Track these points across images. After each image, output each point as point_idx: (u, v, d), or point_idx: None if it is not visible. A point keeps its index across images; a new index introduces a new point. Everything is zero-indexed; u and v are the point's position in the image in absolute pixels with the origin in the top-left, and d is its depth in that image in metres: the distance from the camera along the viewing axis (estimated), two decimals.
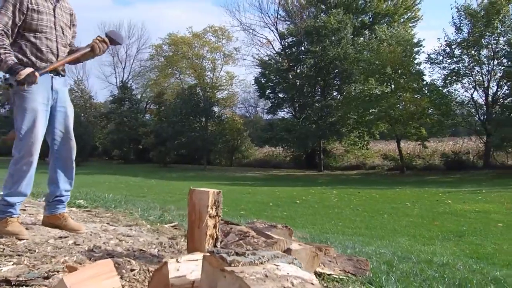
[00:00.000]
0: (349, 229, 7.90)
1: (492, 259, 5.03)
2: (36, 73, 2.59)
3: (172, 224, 3.96)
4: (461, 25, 26.07)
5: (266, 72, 31.64)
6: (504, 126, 22.18)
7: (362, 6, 32.17)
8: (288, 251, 2.39)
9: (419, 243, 6.38)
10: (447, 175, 23.43)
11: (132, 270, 2.17)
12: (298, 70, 31.83)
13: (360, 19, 30.92)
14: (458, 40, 26.22)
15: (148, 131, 34.03)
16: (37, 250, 2.39)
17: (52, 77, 2.86)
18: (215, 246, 2.37)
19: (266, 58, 35.35)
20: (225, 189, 16.14)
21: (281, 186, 18.14)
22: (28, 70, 2.56)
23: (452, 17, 27.16)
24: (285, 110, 33.65)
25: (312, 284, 1.55)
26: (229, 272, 1.50)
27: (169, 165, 32.72)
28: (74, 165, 3.06)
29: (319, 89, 31.45)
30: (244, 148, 34.91)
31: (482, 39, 25.47)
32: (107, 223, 3.60)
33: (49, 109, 2.85)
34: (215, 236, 2.38)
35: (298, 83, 30.82)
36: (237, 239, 2.61)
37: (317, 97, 31.01)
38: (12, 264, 2.14)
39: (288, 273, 1.59)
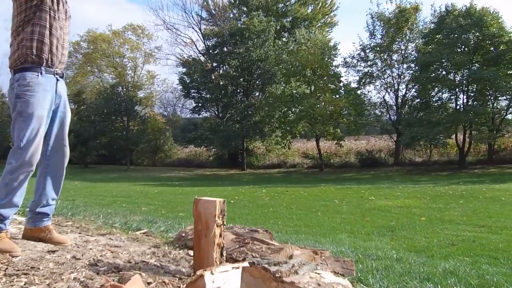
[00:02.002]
0: (289, 227, 8.17)
1: (430, 252, 5.52)
2: None
3: (143, 231, 3.93)
4: (375, 30, 27.84)
5: (191, 72, 31.44)
6: (413, 126, 23.99)
7: (283, 10, 33.11)
8: (290, 256, 2.52)
9: (359, 239, 6.78)
10: (362, 172, 24.82)
11: (148, 283, 2.20)
12: (222, 71, 32.02)
13: (280, 22, 31.74)
14: (372, 44, 27.94)
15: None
16: (41, 268, 2.31)
17: (57, 80, 2.74)
18: (221, 255, 2.45)
19: (190, 59, 35.13)
20: (155, 190, 16.00)
21: (210, 186, 18.21)
22: None
23: (367, 23, 29.01)
24: (210, 110, 33.66)
25: None
26: (288, 283, 1.60)
27: (90, 166, 31.46)
28: (64, 173, 2.95)
29: (242, 90, 31.86)
30: (167, 147, 34.45)
31: (393, 45, 27.35)
32: (79, 233, 3.50)
33: (50, 115, 2.72)
34: (222, 245, 2.45)
35: (222, 83, 30.99)
36: (238, 246, 2.70)
37: (240, 97, 31.41)
38: (24, 284, 2.07)
39: (331, 281, 1.73)
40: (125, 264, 2.51)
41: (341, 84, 28.53)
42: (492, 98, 24.33)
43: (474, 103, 24.24)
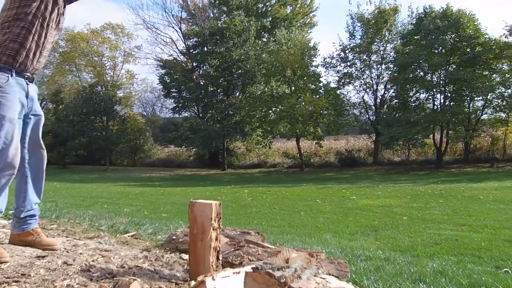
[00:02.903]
0: (274, 228, 8.17)
1: (415, 251, 5.58)
2: None
3: (131, 234, 3.86)
4: (354, 31, 28.11)
5: (171, 71, 31.18)
6: (392, 126, 24.31)
7: (263, 10, 33.15)
8: (287, 259, 2.50)
9: (344, 239, 6.82)
10: (342, 172, 25.04)
11: None
12: (202, 71, 31.89)
13: (260, 22, 31.78)
14: (351, 45, 28.21)
15: (45, 131, 31.54)
16: (32, 274, 2.24)
17: (27, 84, 2.65)
18: (217, 258, 2.41)
19: (171, 58, 34.94)
20: (136, 190, 15.81)
21: (192, 186, 18.10)
22: None
23: (347, 24, 29.29)
24: (191, 110, 33.45)
25: None
26: None
27: (69, 166, 30.97)
28: (44, 176, 2.87)
29: (222, 90, 31.77)
30: (147, 147, 34.13)
31: (372, 45, 27.67)
32: (67, 237, 3.42)
33: (22, 118, 2.64)
34: (218, 249, 2.41)
35: (202, 83, 30.84)
36: (233, 249, 2.67)
37: (220, 97, 31.32)
38: None
39: (337, 286, 1.72)
40: (119, 270, 2.45)
41: (321, 84, 28.72)
42: (468, 98, 24.82)
43: (451, 103, 24.71)
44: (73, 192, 14.27)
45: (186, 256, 2.92)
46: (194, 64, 32.48)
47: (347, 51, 28.51)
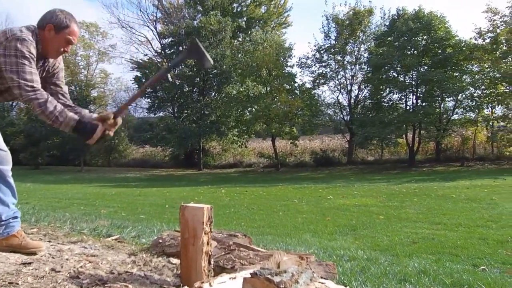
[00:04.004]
0: (254, 228, 8.20)
1: (394, 251, 5.69)
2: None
3: (114, 238, 3.81)
4: (329, 32, 28.36)
5: (147, 71, 30.81)
6: (366, 126, 24.66)
7: (239, 10, 33.12)
8: (278, 263, 2.52)
9: (324, 239, 6.90)
10: (317, 171, 25.24)
11: None
12: (178, 70, 31.61)
13: (236, 23, 31.73)
14: (326, 46, 28.47)
15: (17, 131, 30.88)
16: (19, 283, 2.19)
17: None
18: (209, 263, 2.40)
19: (146, 58, 34.56)
20: (112, 191, 15.58)
21: (168, 186, 17.95)
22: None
23: (322, 24, 29.53)
24: (166, 110, 33.13)
25: None
26: None
27: (42, 167, 30.30)
28: (10, 174, 2.79)
29: (198, 89, 31.59)
30: (122, 148, 33.65)
31: (347, 46, 28.00)
32: (49, 242, 3.35)
33: None
34: (210, 253, 2.40)
35: (178, 83, 30.60)
36: (223, 253, 2.66)
37: (196, 97, 31.13)
38: None
39: None
40: (109, 276, 2.42)
41: (296, 85, 28.89)
42: (439, 98, 25.39)
43: (423, 103, 25.25)
44: (48, 194, 13.97)
45: (174, 260, 2.91)
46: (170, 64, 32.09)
47: (322, 52, 28.79)
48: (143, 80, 31.04)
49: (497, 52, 23.90)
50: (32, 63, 2.38)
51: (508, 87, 23.90)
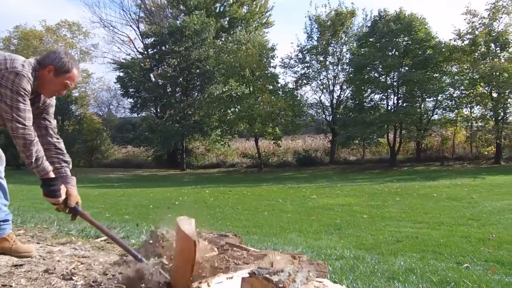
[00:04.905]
0: (239, 228, 8.19)
1: (379, 249, 5.76)
2: None
3: (103, 239, 3.80)
4: (312, 33, 28.54)
5: (129, 71, 30.53)
6: (348, 126, 24.90)
7: (221, 10, 33.09)
8: (272, 262, 2.54)
9: (310, 239, 6.95)
10: (300, 171, 25.38)
11: None
12: (161, 70, 31.45)
13: (219, 23, 31.70)
14: (309, 46, 28.63)
15: None
16: (13, 285, 2.18)
17: None
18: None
19: (129, 57, 34.25)
20: (95, 192, 15.40)
21: (152, 187, 17.83)
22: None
23: (305, 25, 29.69)
24: (149, 110, 32.89)
25: None
26: None
27: (23, 167, 29.74)
28: (3, 175, 2.79)
29: (181, 89, 31.45)
30: (104, 148, 33.29)
31: (329, 47, 28.20)
32: (38, 243, 3.33)
33: None
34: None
35: (160, 83, 30.42)
36: (217, 253, 2.68)
37: (179, 97, 31.00)
38: None
39: None
40: (103, 277, 2.42)
41: (279, 85, 28.99)
42: (420, 99, 25.78)
43: (404, 104, 25.60)
44: (30, 195, 13.67)
45: (165, 261, 2.91)
46: (153, 64, 31.97)
47: (304, 52, 28.95)
48: (126, 79, 30.79)
49: (476, 54, 24.37)
50: (26, 100, 2.37)
51: (486, 88, 24.38)
